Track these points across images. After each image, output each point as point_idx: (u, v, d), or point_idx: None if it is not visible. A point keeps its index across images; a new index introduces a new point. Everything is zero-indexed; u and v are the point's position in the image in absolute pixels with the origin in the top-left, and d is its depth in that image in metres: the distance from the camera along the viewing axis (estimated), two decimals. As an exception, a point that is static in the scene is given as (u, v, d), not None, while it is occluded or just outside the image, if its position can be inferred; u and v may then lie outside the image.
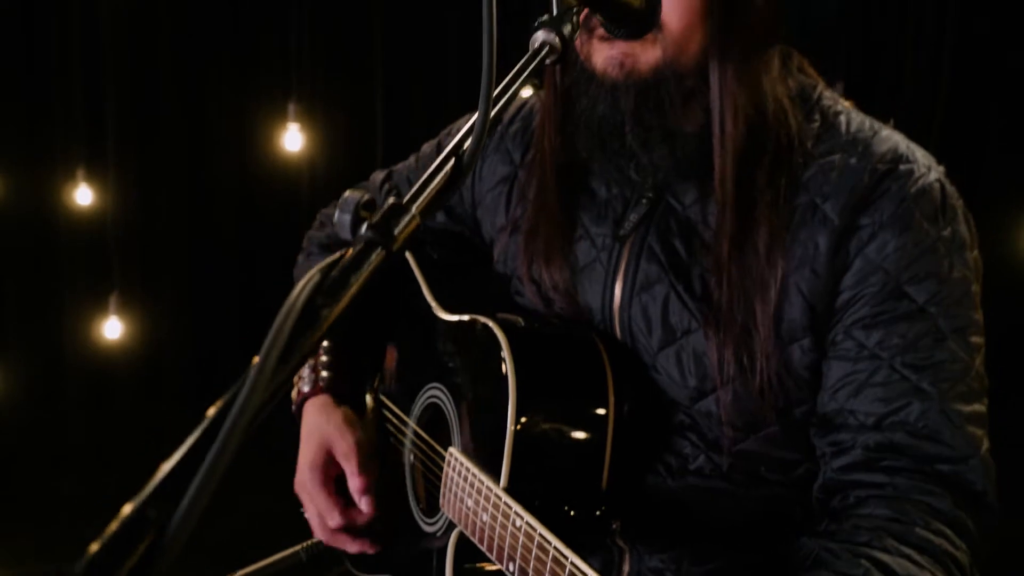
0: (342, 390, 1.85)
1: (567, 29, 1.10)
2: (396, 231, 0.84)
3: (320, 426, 1.79)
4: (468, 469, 1.49)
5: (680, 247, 1.53)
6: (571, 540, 1.27)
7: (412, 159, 1.95)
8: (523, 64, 1.06)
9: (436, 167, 0.92)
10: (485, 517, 1.42)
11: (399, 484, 1.78)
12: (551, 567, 1.27)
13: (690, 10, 1.39)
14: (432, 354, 1.73)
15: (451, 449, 1.56)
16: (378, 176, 1.99)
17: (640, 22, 1.33)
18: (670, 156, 1.49)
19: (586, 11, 1.23)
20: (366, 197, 0.85)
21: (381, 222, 0.83)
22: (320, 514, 1.78)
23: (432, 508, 1.67)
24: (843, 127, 1.51)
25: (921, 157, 1.48)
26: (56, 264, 4.22)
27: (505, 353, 1.47)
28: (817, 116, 1.52)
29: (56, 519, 3.86)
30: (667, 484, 1.54)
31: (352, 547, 1.81)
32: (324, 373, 1.84)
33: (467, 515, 1.48)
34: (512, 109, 1.78)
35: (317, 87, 3.85)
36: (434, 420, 1.70)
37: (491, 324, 1.53)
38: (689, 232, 1.53)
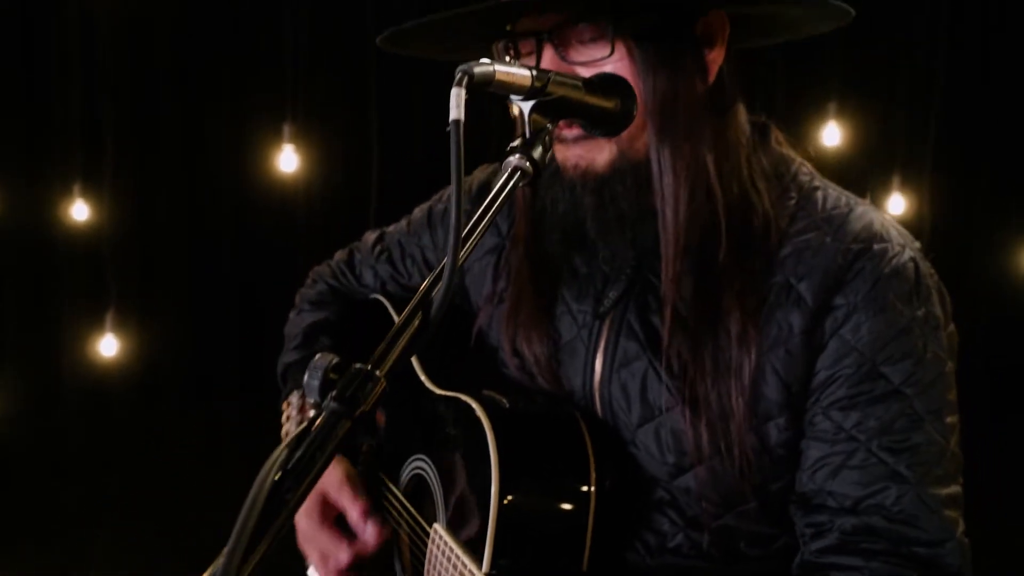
0: None
1: (538, 152, 1.11)
2: (362, 399, 0.85)
3: None
4: (452, 549, 1.50)
5: (659, 324, 1.54)
6: None
7: (404, 222, 1.96)
8: (495, 194, 1.06)
9: (404, 320, 0.93)
10: (467, 600, 1.44)
11: (387, 550, 1.79)
12: None
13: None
14: (418, 425, 1.74)
15: (436, 526, 1.57)
16: (370, 237, 2.01)
17: (618, 122, 1.34)
18: (631, 247, 1.52)
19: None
20: (335, 361, 0.87)
21: (347, 392, 0.85)
22: (326, 556, 1.73)
23: (417, 579, 1.69)
24: (819, 204, 1.51)
25: (896, 235, 1.48)
26: (52, 281, 4.23)
27: (488, 437, 1.48)
28: (793, 193, 1.52)
29: (55, 527, 3.92)
30: (646, 563, 1.55)
31: None
32: (311, 414, 1.84)
33: (450, 595, 1.49)
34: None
35: (312, 108, 3.85)
36: (419, 491, 1.72)
37: (474, 405, 1.54)
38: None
